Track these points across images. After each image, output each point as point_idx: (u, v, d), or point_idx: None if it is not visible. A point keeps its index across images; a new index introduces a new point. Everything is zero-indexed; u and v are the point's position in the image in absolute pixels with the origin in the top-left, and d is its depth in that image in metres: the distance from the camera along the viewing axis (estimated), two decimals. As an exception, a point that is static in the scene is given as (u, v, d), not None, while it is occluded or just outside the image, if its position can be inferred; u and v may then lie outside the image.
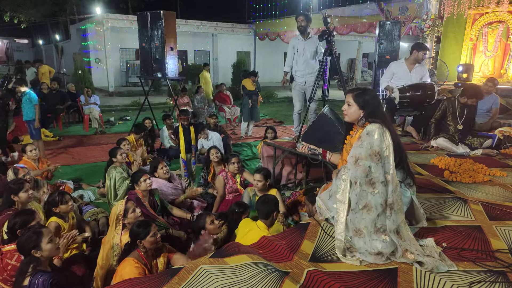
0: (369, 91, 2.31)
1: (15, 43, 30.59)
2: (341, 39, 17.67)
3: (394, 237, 2.08)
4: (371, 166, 2.10)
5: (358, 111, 2.27)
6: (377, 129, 2.14)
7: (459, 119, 4.54)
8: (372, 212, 2.11)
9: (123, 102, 13.47)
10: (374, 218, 2.11)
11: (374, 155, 2.10)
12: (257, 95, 8.56)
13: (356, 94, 2.29)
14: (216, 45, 20.07)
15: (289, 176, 5.13)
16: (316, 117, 4.55)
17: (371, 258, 2.10)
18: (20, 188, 3.17)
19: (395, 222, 2.11)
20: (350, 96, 2.32)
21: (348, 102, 2.32)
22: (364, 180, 2.12)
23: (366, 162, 2.11)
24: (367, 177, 2.11)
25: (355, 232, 2.16)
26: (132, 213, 3.00)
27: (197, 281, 1.90)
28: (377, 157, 2.10)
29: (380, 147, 2.12)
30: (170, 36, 6.32)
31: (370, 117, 2.22)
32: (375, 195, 2.10)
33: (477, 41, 8.00)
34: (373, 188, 2.11)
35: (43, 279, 2.17)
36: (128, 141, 5.16)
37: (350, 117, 2.32)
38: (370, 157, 2.11)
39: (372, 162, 2.10)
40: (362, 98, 2.26)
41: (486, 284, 1.89)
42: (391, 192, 2.10)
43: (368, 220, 2.12)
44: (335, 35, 6.17)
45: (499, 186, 3.39)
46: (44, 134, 7.85)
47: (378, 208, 2.10)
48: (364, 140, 2.15)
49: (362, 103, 2.25)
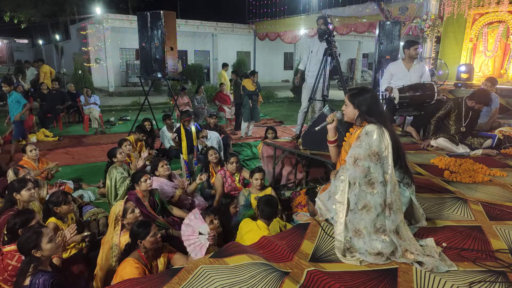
0: (364, 91, 2.33)
1: (15, 43, 30.57)
2: (341, 39, 17.65)
3: (393, 237, 2.09)
4: (370, 166, 2.11)
5: (353, 110, 2.30)
6: (376, 129, 2.15)
7: (464, 121, 4.54)
8: (371, 212, 2.11)
9: (123, 102, 13.47)
10: (374, 218, 2.11)
11: (373, 155, 2.11)
12: (257, 95, 8.56)
13: (351, 94, 2.33)
14: (216, 45, 20.07)
15: (289, 176, 5.13)
16: (316, 117, 4.56)
17: (371, 258, 2.10)
18: (23, 186, 3.18)
19: (394, 222, 2.11)
20: (346, 96, 2.38)
21: (345, 102, 2.37)
22: (363, 180, 2.12)
23: (365, 163, 2.11)
24: (366, 178, 2.12)
25: (354, 232, 2.16)
26: (131, 213, 3.00)
27: (197, 281, 1.90)
28: (376, 157, 2.11)
29: (379, 147, 2.12)
30: (170, 36, 6.32)
31: (366, 116, 2.24)
32: (374, 195, 2.11)
33: (477, 41, 8.00)
34: (372, 188, 2.11)
35: (43, 279, 2.17)
36: (129, 141, 5.16)
37: (348, 117, 2.37)
38: (369, 158, 2.11)
39: (371, 163, 2.11)
40: (357, 98, 2.29)
41: (486, 284, 1.89)
42: (390, 192, 2.11)
43: (368, 220, 2.12)
44: (335, 35, 6.17)
45: (499, 186, 3.39)
46: (44, 134, 7.86)
47: (377, 208, 2.10)
48: (363, 140, 2.15)
49: (357, 102, 2.28)
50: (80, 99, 9.48)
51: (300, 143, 4.56)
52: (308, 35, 14.64)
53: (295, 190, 4.72)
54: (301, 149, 4.44)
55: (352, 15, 12.24)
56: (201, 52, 20.79)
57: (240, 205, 3.82)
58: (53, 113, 8.87)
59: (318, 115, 4.47)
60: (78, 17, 20.81)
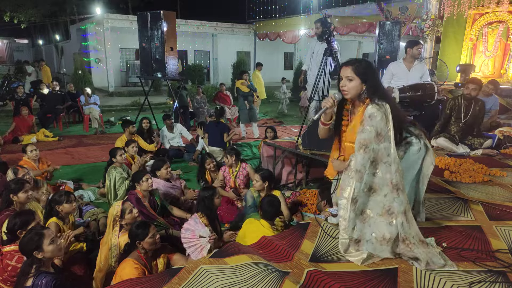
0: (369, 63, 2.16)
1: (15, 43, 30.57)
2: (341, 39, 17.64)
3: (402, 218, 2.04)
4: (375, 148, 2.05)
5: (360, 85, 2.12)
6: (378, 110, 2.05)
7: (463, 116, 4.54)
8: (378, 193, 2.07)
9: (123, 102, 13.46)
10: (381, 200, 2.07)
11: (378, 137, 2.04)
12: (252, 96, 8.55)
13: (356, 67, 2.11)
14: (216, 45, 20.07)
15: (289, 176, 5.13)
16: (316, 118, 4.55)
17: (376, 246, 2.07)
18: (20, 188, 3.17)
19: (403, 203, 2.06)
20: (348, 69, 2.13)
21: (347, 76, 2.13)
22: (369, 163, 2.06)
23: (370, 145, 2.05)
24: (372, 160, 2.06)
25: (361, 216, 2.11)
26: (129, 214, 2.99)
27: (197, 281, 1.90)
28: (380, 139, 2.05)
29: (383, 129, 2.05)
30: (170, 36, 6.32)
31: (373, 89, 2.11)
32: (380, 176, 2.06)
33: (477, 41, 8.00)
34: (376, 169, 2.06)
35: (46, 281, 2.16)
36: (137, 143, 5.17)
37: (351, 93, 2.14)
38: (374, 140, 2.05)
39: (376, 145, 2.05)
40: (363, 69, 2.11)
41: (486, 284, 1.89)
42: (395, 172, 2.05)
43: (375, 202, 2.08)
44: (335, 35, 6.19)
45: (499, 186, 3.39)
46: (44, 134, 7.86)
47: (383, 189, 2.06)
48: (366, 124, 2.07)
49: (364, 75, 2.10)
50: (80, 99, 9.48)
51: (300, 143, 4.56)
52: (308, 35, 14.64)
53: (295, 190, 4.72)
54: (301, 149, 4.44)
55: (352, 15, 12.24)
56: (201, 52, 20.79)
57: (247, 206, 3.80)
58: (53, 113, 8.87)
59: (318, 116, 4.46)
60: (78, 17, 20.83)
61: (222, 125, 6.68)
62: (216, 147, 6.23)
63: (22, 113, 7.87)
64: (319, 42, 5.46)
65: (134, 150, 4.96)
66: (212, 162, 4.71)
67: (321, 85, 5.01)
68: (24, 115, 7.88)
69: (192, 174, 5.65)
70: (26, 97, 9.13)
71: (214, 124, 6.57)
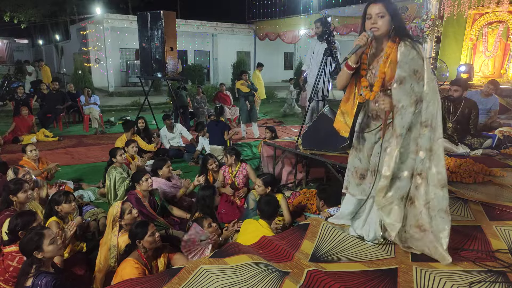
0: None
1: (15, 43, 30.59)
2: (341, 39, 17.66)
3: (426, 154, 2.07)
4: (413, 85, 2.04)
5: (390, 22, 2.08)
6: (412, 45, 2.05)
7: (451, 116, 4.56)
8: (412, 132, 2.09)
9: (123, 102, 13.46)
10: (415, 137, 2.09)
11: (415, 73, 2.04)
12: (253, 96, 8.56)
13: (386, 3, 2.08)
14: (216, 45, 20.08)
15: (289, 176, 5.13)
16: (316, 117, 4.56)
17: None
18: (19, 189, 3.16)
19: (431, 139, 2.07)
20: (378, 6, 2.08)
21: (378, 13, 2.08)
22: (408, 101, 2.04)
23: (408, 82, 2.03)
24: (410, 97, 2.04)
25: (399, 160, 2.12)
26: (129, 214, 2.99)
27: (197, 281, 1.90)
28: (418, 76, 2.04)
29: (420, 65, 2.05)
30: (170, 36, 6.32)
31: (402, 28, 2.11)
32: (415, 113, 2.06)
33: (477, 41, 8.00)
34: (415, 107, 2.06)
35: (46, 281, 2.16)
36: (136, 143, 5.17)
37: (382, 30, 2.09)
38: (411, 77, 2.04)
39: (413, 81, 2.04)
40: (393, 6, 2.09)
41: (486, 284, 1.89)
42: (425, 109, 2.05)
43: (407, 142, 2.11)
44: (335, 35, 6.20)
45: (499, 186, 3.40)
46: (44, 134, 7.86)
47: (417, 126, 2.08)
48: (402, 61, 2.05)
49: (393, 12, 2.08)
50: (80, 99, 9.49)
51: (300, 143, 4.56)
52: (308, 35, 14.63)
53: (295, 190, 4.72)
54: (301, 149, 4.44)
55: (352, 15, 12.24)
56: (201, 52, 20.80)
57: (250, 209, 3.79)
58: (53, 113, 8.87)
59: (318, 115, 4.47)
60: (78, 17, 20.84)
61: (222, 124, 6.73)
62: (218, 146, 6.26)
63: (22, 113, 7.88)
64: (319, 42, 5.47)
65: (134, 150, 4.98)
66: (214, 162, 4.71)
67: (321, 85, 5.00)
68: (24, 115, 7.89)
69: (192, 174, 5.65)
70: (26, 97, 9.15)
71: (214, 123, 6.61)
